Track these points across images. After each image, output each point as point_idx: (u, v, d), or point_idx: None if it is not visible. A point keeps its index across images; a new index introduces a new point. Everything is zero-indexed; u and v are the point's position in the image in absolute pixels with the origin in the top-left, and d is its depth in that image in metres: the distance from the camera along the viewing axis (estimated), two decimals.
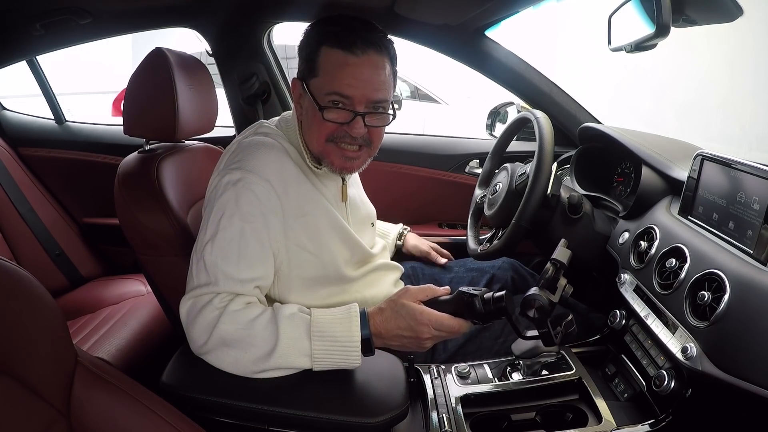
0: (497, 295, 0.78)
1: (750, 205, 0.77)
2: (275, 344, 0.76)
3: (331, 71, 0.82)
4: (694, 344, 0.75)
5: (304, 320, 0.78)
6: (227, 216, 0.81)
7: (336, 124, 0.83)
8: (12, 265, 0.61)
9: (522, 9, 1.27)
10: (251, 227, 0.82)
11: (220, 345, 0.77)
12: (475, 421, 0.88)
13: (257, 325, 0.77)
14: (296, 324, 0.78)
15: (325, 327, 0.78)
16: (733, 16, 0.93)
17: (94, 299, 1.50)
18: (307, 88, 0.85)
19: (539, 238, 1.13)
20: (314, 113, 0.84)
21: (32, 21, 1.15)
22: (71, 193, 1.76)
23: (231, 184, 0.82)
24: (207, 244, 0.81)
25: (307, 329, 0.77)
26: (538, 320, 0.78)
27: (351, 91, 0.82)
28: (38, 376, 0.60)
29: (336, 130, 0.84)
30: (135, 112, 1.03)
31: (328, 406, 0.76)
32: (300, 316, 0.79)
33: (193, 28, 1.44)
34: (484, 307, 0.78)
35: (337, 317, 0.79)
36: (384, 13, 1.31)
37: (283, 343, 0.76)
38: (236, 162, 0.85)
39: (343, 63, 0.81)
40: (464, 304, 0.79)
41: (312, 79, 0.84)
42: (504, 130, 1.26)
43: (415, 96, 3.91)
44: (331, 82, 0.82)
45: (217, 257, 0.80)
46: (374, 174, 1.60)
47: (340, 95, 0.82)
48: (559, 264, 0.85)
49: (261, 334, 0.77)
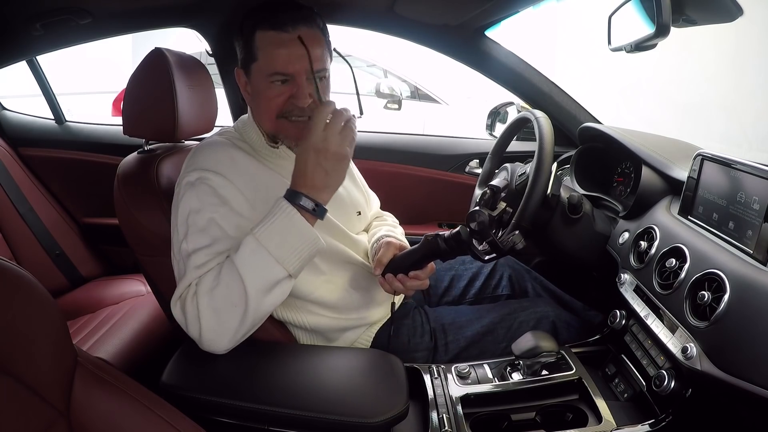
0: (455, 232, 0.91)
1: (750, 205, 0.77)
2: (243, 282, 0.77)
3: (268, 52, 0.86)
4: (694, 344, 0.75)
5: (252, 241, 0.78)
6: (194, 213, 0.84)
7: (282, 99, 0.88)
8: (12, 265, 0.61)
9: (522, 9, 1.27)
10: (219, 215, 0.84)
11: (215, 324, 0.78)
12: (475, 421, 0.88)
13: (224, 275, 0.78)
14: (249, 248, 0.78)
15: (272, 229, 0.78)
16: (733, 16, 0.93)
17: (94, 299, 1.50)
18: (249, 74, 0.90)
19: (539, 238, 1.13)
20: (260, 95, 0.89)
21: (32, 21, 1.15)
22: (71, 193, 1.76)
23: (189, 185, 0.85)
24: (182, 243, 0.83)
25: (257, 244, 0.77)
26: (480, 232, 0.88)
27: (291, 68, 0.86)
28: (38, 376, 0.60)
29: (284, 105, 0.89)
30: (134, 113, 1.03)
31: (328, 406, 0.76)
32: (248, 240, 0.78)
33: (193, 28, 1.44)
34: (446, 244, 0.90)
35: (274, 213, 0.78)
36: (384, 13, 1.31)
37: (249, 277, 0.77)
38: (191, 164, 0.88)
39: (278, 42, 0.85)
40: (430, 246, 0.92)
41: (253, 63, 0.89)
42: (504, 130, 1.26)
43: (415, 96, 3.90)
44: (270, 62, 0.86)
45: (192, 250, 0.82)
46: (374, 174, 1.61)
47: (281, 74, 0.86)
48: (495, 188, 1.01)
49: (231, 280, 0.77)
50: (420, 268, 0.95)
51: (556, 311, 1.10)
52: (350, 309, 1.01)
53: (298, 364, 0.87)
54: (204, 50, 1.50)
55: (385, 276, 0.96)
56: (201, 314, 0.78)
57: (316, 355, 0.91)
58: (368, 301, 1.04)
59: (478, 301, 1.22)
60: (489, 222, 0.88)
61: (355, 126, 0.80)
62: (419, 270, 0.95)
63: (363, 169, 1.26)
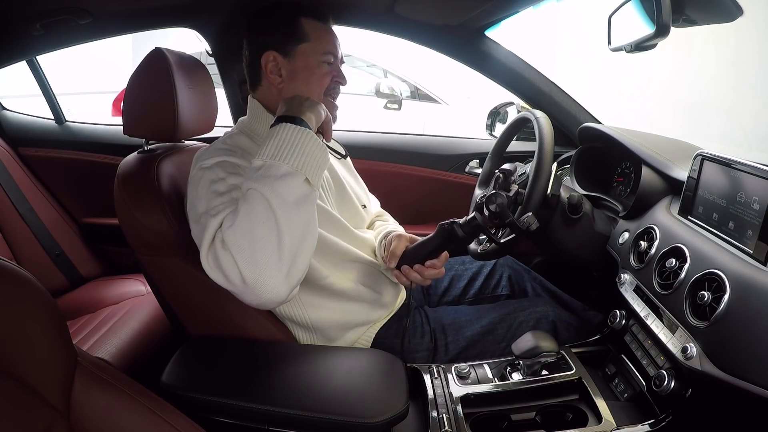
0: (470, 217, 0.94)
1: (750, 205, 0.77)
2: (263, 195, 0.72)
3: (320, 35, 0.96)
4: (694, 344, 0.75)
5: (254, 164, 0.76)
6: (214, 182, 0.83)
7: (329, 79, 0.97)
8: (12, 265, 0.61)
9: (522, 9, 1.27)
10: (240, 181, 0.81)
11: (250, 253, 0.71)
12: (475, 421, 0.88)
13: (242, 209, 0.73)
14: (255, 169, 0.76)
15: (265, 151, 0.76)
16: (733, 16, 0.93)
17: (94, 299, 1.50)
18: (292, 54, 0.95)
19: (539, 238, 1.13)
20: (312, 71, 0.96)
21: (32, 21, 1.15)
22: (71, 193, 1.75)
23: (207, 168, 0.86)
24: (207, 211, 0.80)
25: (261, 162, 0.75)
26: (500, 213, 0.92)
27: (336, 51, 0.98)
28: (38, 377, 0.60)
29: (331, 82, 0.98)
30: (134, 113, 1.03)
31: (328, 406, 0.76)
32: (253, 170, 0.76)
33: (193, 28, 1.44)
34: (463, 230, 0.93)
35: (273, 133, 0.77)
36: (384, 13, 1.31)
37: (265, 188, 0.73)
38: (203, 156, 0.89)
39: (324, 30, 0.98)
40: (447, 234, 0.93)
41: (300, 44, 0.95)
42: (504, 130, 1.26)
43: (415, 96, 3.90)
44: (324, 43, 0.96)
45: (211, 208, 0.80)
46: (374, 174, 1.61)
47: (332, 54, 0.97)
48: (507, 171, 1.03)
49: (249, 206, 0.73)
50: (436, 257, 0.96)
51: (556, 311, 1.10)
52: (356, 302, 1.01)
53: (298, 364, 0.87)
54: (204, 50, 1.50)
55: (401, 268, 0.97)
56: (234, 250, 0.71)
57: (316, 354, 0.91)
58: (374, 298, 1.04)
59: (478, 301, 1.22)
60: (507, 203, 0.92)
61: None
62: (435, 259, 0.96)
63: (363, 169, 1.26)
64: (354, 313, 1.01)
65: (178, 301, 0.97)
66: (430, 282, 1.00)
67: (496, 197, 0.92)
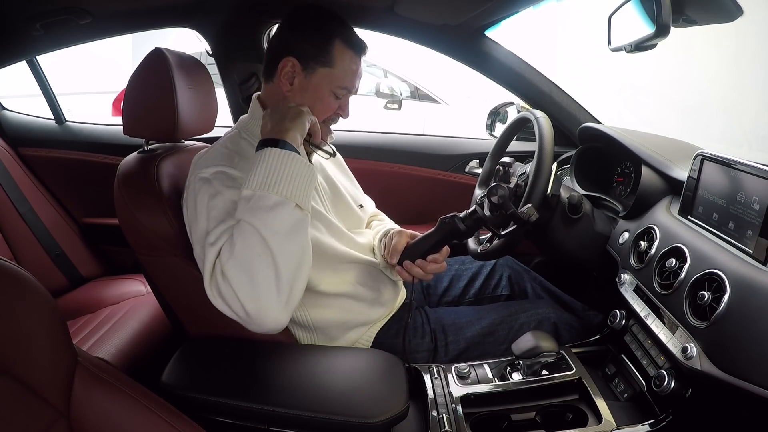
0: (470, 210, 0.95)
1: (750, 205, 0.77)
2: (256, 228, 0.74)
3: (345, 67, 0.92)
4: (694, 344, 0.75)
5: (243, 196, 0.77)
6: (211, 198, 0.83)
7: (333, 109, 0.95)
8: (12, 265, 0.61)
9: (522, 9, 1.27)
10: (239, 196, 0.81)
11: (250, 286, 0.73)
12: (475, 421, 0.88)
13: (237, 241, 0.74)
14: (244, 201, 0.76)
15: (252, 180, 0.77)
16: (733, 16, 0.93)
17: (94, 299, 1.50)
18: (311, 71, 0.91)
19: (539, 238, 1.13)
20: (320, 98, 0.93)
21: (32, 21, 1.15)
22: (71, 193, 1.75)
23: (205, 180, 0.85)
24: (201, 228, 0.81)
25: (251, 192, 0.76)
26: (502, 205, 0.93)
27: (352, 87, 0.95)
28: (38, 376, 0.60)
29: (333, 114, 0.96)
30: (134, 113, 1.03)
31: (328, 406, 0.76)
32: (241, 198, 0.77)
33: (193, 28, 1.44)
34: (465, 223, 0.93)
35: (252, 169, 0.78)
36: (384, 13, 1.31)
37: (257, 220, 0.74)
38: (202, 164, 0.88)
39: (353, 62, 0.94)
40: (448, 227, 0.94)
41: (323, 68, 0.91)
42: (504, 130, 1.26)
43: (415, 96, 3.90)
44: (345, 78, 0.93)
45: (209, 231, 0.80)
46: (374, 174, 1.61)
47: (347, 89, 0.95)
48: (506, 164, 1.06)
49: (244, 238, 0.74)
50: (437, 251, 0.96)
51: (557, 313, 1.09)
52: (356, 301, 1.01)
53: (298, 364, 0.87)
54: (204, 50, 1.50)
55: (403, 263, 0.97)
56: (234, 284, 0.73)
57: (316, 355, 0.91)
58: (374, 297, 1.04)
59: (478, 302, 1.22)
60: (509, 194, 0.94)
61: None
62: (436, 253, 0.96)
63: (363, 169, 1.26)
64: (354, 312, 1.01)
65: (178, 301, 0.97)
66: (432, 277, 0.99)
67: (497, 189, 0.93)
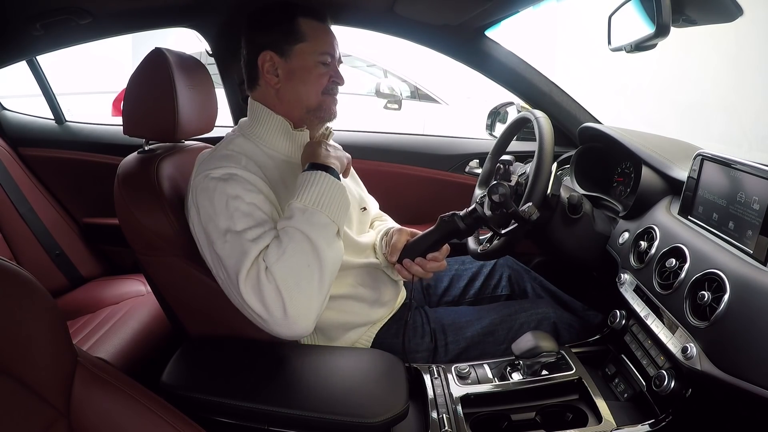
0: (470, 208, 0.95)
1: (750, 205, 0.77)
2: (311, 241, 0.80)
3: (317, 34, 0.96)
4: (694, 344, 0.75)
5: (296, 208, 0.82)
6: (232, 199, 0.84)
7: (326, 78, 0.97)
8: (12, 265, 0.61)
9: (522, 9, 1.27)
10: (259, 201, 0.86)
11: (296, 292, 0.78)
12: (475, 421, 0.88)
13: (289, 249, 0.79)
14: (299, 213, 0.82)
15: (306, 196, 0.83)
16: (733, 16, 0.93)
17: (94, 299, 1.50)
18: (288, 54, 0.95)
19: (539, 238, 1.13)
20: (309, 71, 0.96)
21: (32, 21, 1.15)
22: (71, 193, 1.75)
23: (220, 180, 0.86)
24: (228, 227, 0.82)
25: (303, 207, 0.82)
26: (503, 203, 0.93)
27: (334, 51, 0.98)
28: (38, 376, 0.60)
29: (328, 82, 0.97)
30: (134, 113, 1.03)
31: (328, 406, 0.76)
32: (294, 209, 0.82)
33: (193, 28, 1.44)
34: (465, 222, 0.94)
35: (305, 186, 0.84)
36: (384, 13, 1.31)
37: (312, 233, 0.80)
38: (210, 164, 0.89)
39: (322, 30, 0.98)
40: (448, 225, 0.94)
41: (297, 44, 0.95)
42: (504, 130, 1.26)
43: (415, 96, 3.90)
44: (321, 43, 0.96)
45: (242, 230, 0.82)
46: (374, 174, 1.61)
47: (329, 54, 0.97)
48: (506, 162, 1.07)
49: (296, 247, 0.79)
50: (437, 249, 0.96)
51: (557, 312, 1.09)
52: (356, 302, 1.01)
53: (298, 364, 0.87)
54: (204, 50, 1.50)
55: (403, 261, 0.97)
56: (280, 285, 0.77)
57: (316, 355, 0.91)
58: (374, 298, 1.04)
59: (478, 302, 1.22)
60: (510, 193, 0.94)
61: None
62: (436, 252, 0.96)
63: (363, 169, 1.26)
64: (354, 313, 1.01)
65: (178, 301, 0.97)
66: (432, 275, 1.00)
67: (498, 187, 0.92)
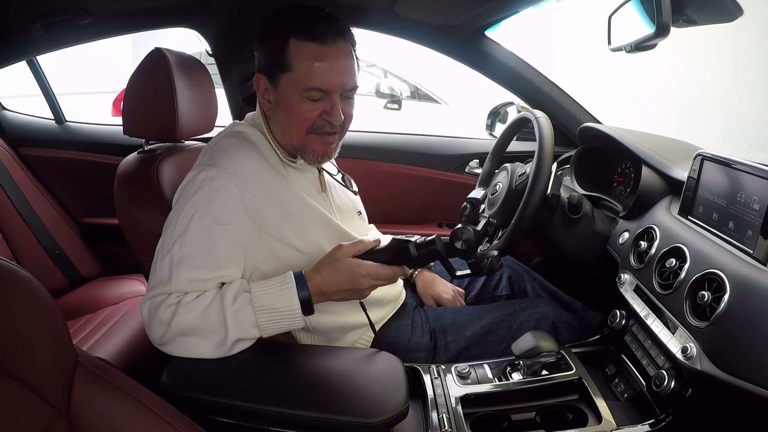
0: (429, 239, 0.83)
1: (750, 205, 0.77)
2: (227, 329, 0.78)
3: (307, 65, 0.82)
4: (694, 344, 0.75)
5: (247, 299, 0.80)
6: (198, 216, 0.81)
7: (314, 115, 0.85)
8: (12, 265, 0.61)
9: (522, 9, 1.27)
10: (221, 230, 0.81)
11: (179, 335, 0.79)
12: (475, 421, 0.88)
13: (210, 313, 0.79)
14: (241, 304, 0.79)
15: (265, 301, 0.80)
16: (733, 16, 0.93)
17: (94, 299, 1.50)
18: (276, 83, 0.85)
19: (539, 238, 1.13)
20: (290, 109, 0.85)
21: (32, 21, 1.15)
22: (71, 193, 1.75)
23: (206, 182, 0.82)
24: (175, 242, 0.81)
25: (252, 307, 0.80)
26: (466, 251, 0.82)
27: (329, 85, 0.83)
28: (38, 376, 0.60)
29: (316, 121, 0.85)
30: (135, 113, 1.03)
31: (328, 406, 0.76)
32: (243, 297, 0.80)
33: (193, 28, 1.44)
34: (418, 251, 0.83)
35: (275, 289, 0.81)
36: (384, 13, 1.31)
37: (232, 328, 0.79)
38: (213, 159, 0.85)
39: (318, 55, 0.81)
40: (400, 250, 0.83)
41: (284, 74, 0.83)
42: (504, 130, 1.26)
43: (415, 96, 3.90)
44: (309, 76, 0.82)
45: (184, 257, 0.80)
46: (374, 174, 1.61)
47: (318, 90, 0.83)
48: (474, 201, 0.98)
49: (214, 320, 0.79)
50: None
51: (556, 312, 1.09)
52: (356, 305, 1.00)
53: (298, 364, 0.87)
54: (204, 50, 1.50)
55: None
56: (172, 323, 0.78)
57: (316, 355, 0.91)
58: (374, 299, 1.03)
59: (478, 302, 1.21)
60: (475, 239, 0.83)
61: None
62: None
63: (363, 169, 1.26)
64: (354, 315, 1.01)
65: None
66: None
67: (462, 233, 0.82)
